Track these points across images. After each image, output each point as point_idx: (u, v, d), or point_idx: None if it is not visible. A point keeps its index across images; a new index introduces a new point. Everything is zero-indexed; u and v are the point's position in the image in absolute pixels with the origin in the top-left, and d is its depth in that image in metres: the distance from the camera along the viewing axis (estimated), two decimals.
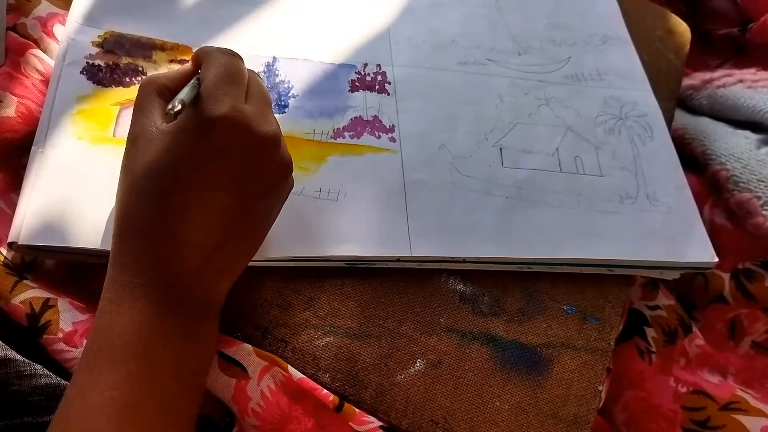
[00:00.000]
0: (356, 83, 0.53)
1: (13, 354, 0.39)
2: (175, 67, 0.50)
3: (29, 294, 0.42)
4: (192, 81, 0.38)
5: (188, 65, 0.41)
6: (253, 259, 0.43)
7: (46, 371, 0.39)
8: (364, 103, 0.51)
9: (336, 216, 0.46)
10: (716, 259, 0.49)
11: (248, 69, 0.41)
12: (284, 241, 0.44)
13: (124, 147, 0.38)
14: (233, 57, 0.39)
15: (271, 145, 0.37)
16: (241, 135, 0.36)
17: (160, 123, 0.37)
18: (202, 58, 0.39)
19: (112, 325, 0.34)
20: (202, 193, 0.35)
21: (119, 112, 0.47)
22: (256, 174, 0.37)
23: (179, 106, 0.35)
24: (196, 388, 0.38)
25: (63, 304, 0.43)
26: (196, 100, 0.36)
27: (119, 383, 0.33)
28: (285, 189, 0.41)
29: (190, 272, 0.36)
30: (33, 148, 0.44)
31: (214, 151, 0.35)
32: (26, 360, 0.39)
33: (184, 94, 0.36)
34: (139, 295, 0.35)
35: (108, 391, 0.33)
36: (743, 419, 0.49)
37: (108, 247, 0.41)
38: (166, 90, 0.39)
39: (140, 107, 0.38)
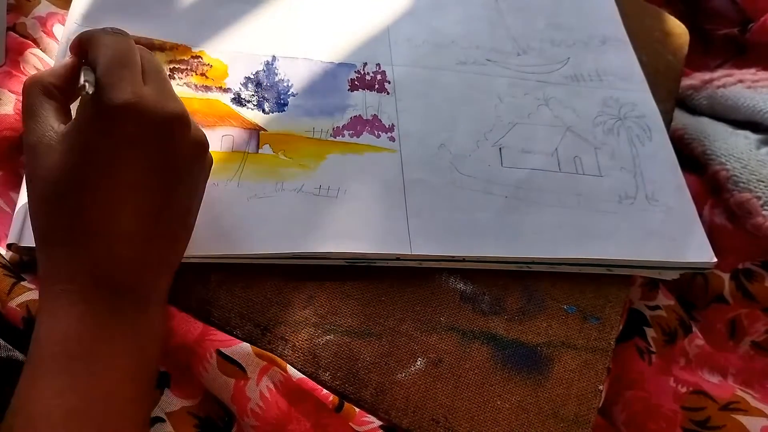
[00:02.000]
0: (356, 82, 0.53)
1: (16, 354, 0.38)
2: (176, 69, 0.49)
3: (26, 297, 0.41)
4: (83, 70, 0.36)
5: (69, 58, 0.39)
6: (253, 254, 0.43)
7: None
8: (363, 102, 0.51)
9: (335, 212, 0.46)
10: (715, 260, 0.49)
11: (138, 45, 0.38)
12: (284, 236, 0.44)
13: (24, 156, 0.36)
14: (120, 36, 0.36)
15: (180, 124, 0.36)
16: (147, 120, 0.34)
17: (57, 125, 0.35)
18: (85, 44, 0.37)
19: (50, 334, 0.33)
20: (118, 187, 0.34)
21: None
22: (169, 157, 0.35)
23: (91, 89, 0.34)
24: (142, 384, 0.36)
25: None
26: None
27: (62, 391, 0.32)
28: (203, 169, 0.39)
29: (122, 269, 0.35)
30: None
31: (120, 143, 0.34)
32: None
33: (88, 76, 0.34)
34: (75, 301, 0.33)
35: (52, 399, 0.32)
36: (743, 419, 0.49)
37: None
38: (54, 88, 0.37)
39: (31, 112, 0.36)
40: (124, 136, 0.34)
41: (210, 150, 0.40)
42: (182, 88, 0.49)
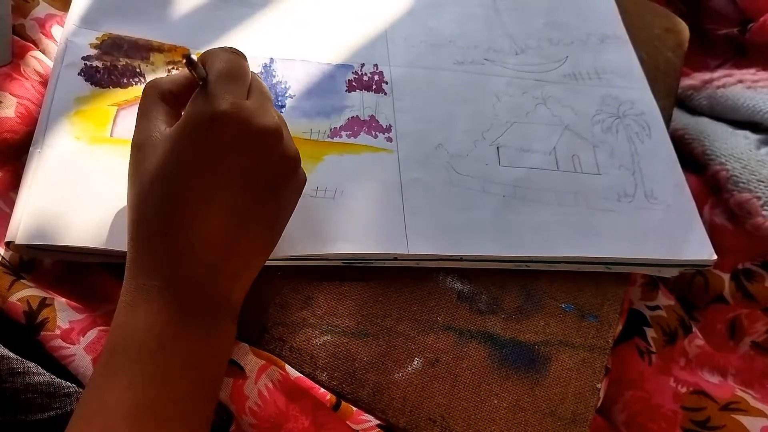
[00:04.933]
0: (353, 83, 0.53)
1: (5, 351, 0.39)
2: (173, 70, 0.50)
3: (26, 293, 0.42)
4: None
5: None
6: None
7: (40, 369, 0.39)
8: (361, 102, 0.52)
9: (333, 214, 0.46)
10: (715, 257, 0.49)
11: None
12: (281, 239, 0.44)
13: (129, 153, 0.38)
14: (235, 54, 0.39)
15: (273, 138, 0.37)
16: (242, 129, 0.36)
17: (164, 129, 0.37)
18: (206, 60, 0.39)
19: (128, 326, 0.35)
20: (209, 192, 0.35)
21: (117, 112, 0.47)
22: (260, 168, 0.37)
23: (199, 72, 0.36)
24: (211, 389, 0.38)
25: (60, 303, 0.43)
26: (198, 97, 0.36)
27: (134, 383, 0.33)
28: (294, 183, 0.41)
29: (205, 272, 0.36)
30: (31, 148, 0.44)
31: (217, 148, 0.35)
32: (19, 357, 0.39)
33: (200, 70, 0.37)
34: (155, 297, 0.35)
35: (123, 391, 0.33)
36: (743, 419, 0.49)
37: (105, 245, 0.41)
38: (170, 94, 0.39)
39: (144, 113, 0.38)
40: (220, 143, 0.35)
41: None
42: None
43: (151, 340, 0.34)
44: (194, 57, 0.36)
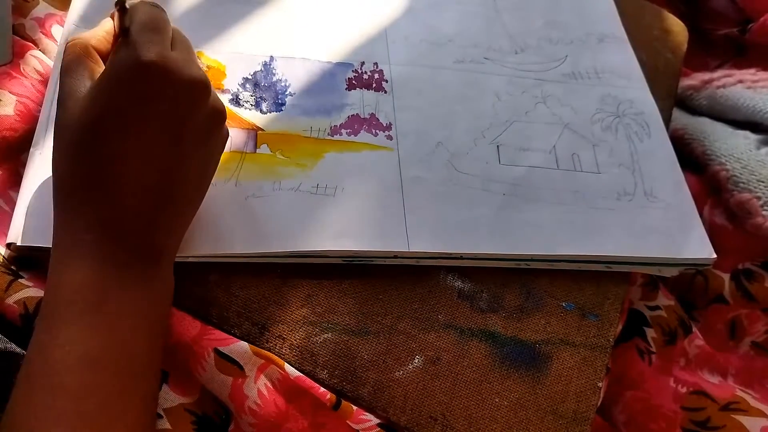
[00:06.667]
0: (353, 81, 0.53)
1: (13, 347, 0.38)
2: None
3: (23, 294, 0.41)
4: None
5: (109, 21, 0.41)
6: (251, 254, 0.43)
7: None
8: (361, 101, 0.52)
9: (333, 211, 0.46)
10: (714, 256, 0.49)
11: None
12: (281, 236, 0.44)
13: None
14: (155, 7, 0.39)
15: (201, 90, 0.37)
16: (169, 80, 0.35)
17: (90, 83, 0.37)
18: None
19: (65, 282, 0.34)
20: (138, 142, 0.35)
21: None
22: (187, 119, 0.37)
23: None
24: (155, 337, 0.38)
25: None
26: (121, 47, 0.36)
27: (77, 338, 0.33)
28: (219, 138, 0.41)
29: (134, 222, 0.36)
30: (32, 149, 0.44)
31: (142, 97, 0.35)
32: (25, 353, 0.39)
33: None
34: (87, 251, 0.35)
35: (67, 346, 0.33)
36: (743, 419, 0.49)
37: None
38: (93, 50, 0.39)
39: (68, 70, 0.38)
40: (145, 92, 0.35)
41: None
42: None
43: (89, 294, 0.34)
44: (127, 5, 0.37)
